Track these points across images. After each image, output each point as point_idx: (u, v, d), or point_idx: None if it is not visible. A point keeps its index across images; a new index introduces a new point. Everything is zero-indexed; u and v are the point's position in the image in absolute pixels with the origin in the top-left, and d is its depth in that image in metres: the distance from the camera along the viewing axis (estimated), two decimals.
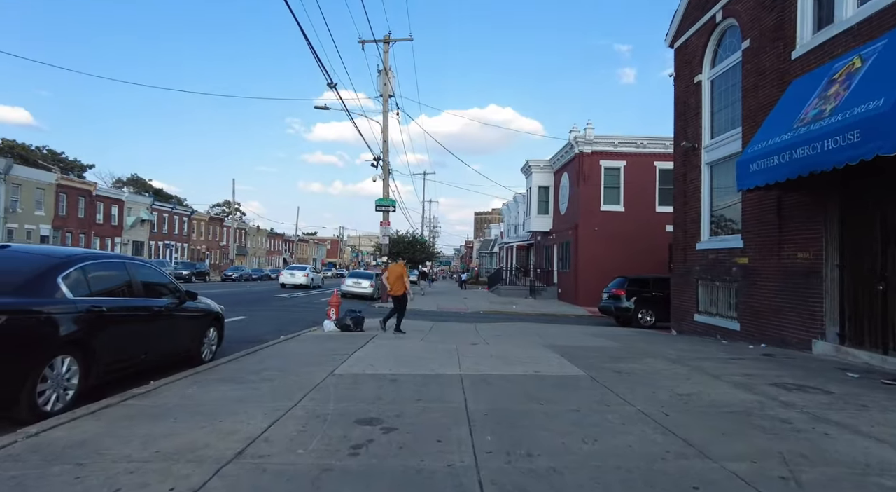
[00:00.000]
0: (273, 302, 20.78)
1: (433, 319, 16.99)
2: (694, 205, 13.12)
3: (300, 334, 10.91)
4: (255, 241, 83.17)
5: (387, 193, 22.81)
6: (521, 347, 9.34)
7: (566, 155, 25.62)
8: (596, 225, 23.51)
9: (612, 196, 23.76)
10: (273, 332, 11.63)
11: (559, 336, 11.88)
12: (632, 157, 23.67)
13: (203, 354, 7.25)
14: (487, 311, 21.02)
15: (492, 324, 15.55)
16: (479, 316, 19.19)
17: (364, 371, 6.50)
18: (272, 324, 13.24)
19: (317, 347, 8.83)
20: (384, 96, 22.64)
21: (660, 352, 8.80)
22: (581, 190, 23.68)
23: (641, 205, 23.53)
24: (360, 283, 23.87)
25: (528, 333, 12.48)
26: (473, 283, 48.16)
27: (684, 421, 4.41)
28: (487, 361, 7.43)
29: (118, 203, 49.17)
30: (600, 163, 23.69)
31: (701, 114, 12.81)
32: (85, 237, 44.17)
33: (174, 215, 59.28)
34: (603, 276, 22.99)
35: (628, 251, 23.31)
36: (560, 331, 13.54)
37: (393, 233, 31.71)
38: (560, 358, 7.82)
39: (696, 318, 12.75)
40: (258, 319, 14.08)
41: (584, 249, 23.55)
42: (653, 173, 23.62)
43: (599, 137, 23.53)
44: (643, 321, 16.47)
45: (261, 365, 6.83)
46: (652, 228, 23.40)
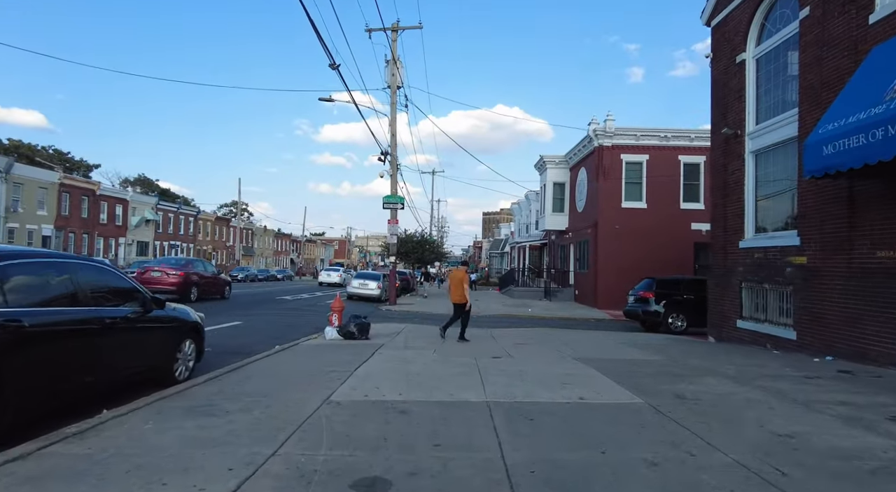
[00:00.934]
0: (275, 305, 19.66)
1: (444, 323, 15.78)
2: (736, 198, 11.79)
3: (298, 343, 9.72)
4: (263, 241, 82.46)
5: (395, 190, 21.63)
6: (550, 361, 8.08)
7: (584, 149, 24.29)
8: (617, 223, 22.17)
9: (634, 192, 22.40)
10: (268, 340, 10.45)
11: (589, 346, 10.60)
12: (655, 150, 22.31)
13: (177, 371, 6.07)
14: (501, 314, 19.76)
15: (508, 330, 14.30)
16: (494, 320, 17.94)
17: (367, 396, 5.28)
18: (269, 330, 12.07)
19: (314, 360, 7.63)
20: (392, 87, 21.46)
21: (714, 368, 7.50)
22: (601, 186, 22.35)
23: (665, 201, 22.16)
24: (367, 284, 22.70)
25: (552, 342, 11.22)
26: (483, 283, 46.88)
27: (817, 488, 3.13)
28: (517, 382, 6.18)
29: (122, 203, 48.44)
30: (621, 157, 22.34)
31: (744, 97, 11.48)
32: (88, 237, 43.43)
33: (180, 215, 58.56)
34: (624, 277, 21.66)
35: (651, 251, 21.94)
36: (586, 339, 12.27)
37: (401, 232, 30.54)
38: (602, 376, 6.56)
39: (738, 324, 11.41)
40: (255, 325, 12.92)
41: (603, 249, 22.22)
42: (677, 168, 22.24)
43: (620, 129, 22.19)
44: (674, 327, 15.14)
45: (243, 387, 5.64)
46: (676, 225, 22.03)
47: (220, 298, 19.74)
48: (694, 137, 22.07)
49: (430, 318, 17.55)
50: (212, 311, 15.52)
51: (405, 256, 29.55)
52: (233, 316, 14.56)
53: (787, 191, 10.25)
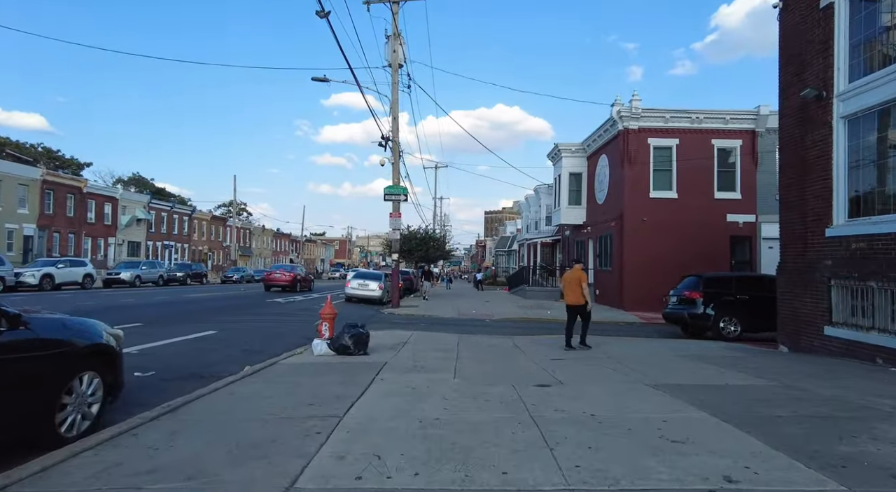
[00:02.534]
0: (263, 308, 17.45)
1: (456, 330, 13.57)
2: (819, 176, 9.56)
3: (276, 362, 7.51)
4: (261, 241, 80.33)
5: (397, 180, 19.41)
6: (620, 391, 5.86)
7: (605, 134, 22.04)
8: (644, 214, 19.93)
9: (663, 180, 20.17)
10: (240, 356, 8.25)
11: (646, 361, 8.38)
12: (685, 133, 20.07)
13: (64, 424, 3.87)
14: (517, 318, 17.54)
15: (534, 338, 12.09)
16: (511, 325, 15.72)
17: (360, 479, 3.07)
18: (246, 342, 9.86)
19: (289, 393, 5.42)
20: (393, 65, 19.24)
21: (866, 401, 5.27)
22: (626, 173, 20.11)
23: (697, 190, 19.93)
24: (366, 284, 20.48)
25: (597, 356, 9.00)
26: (490, 283, 44.65)
27: None
28: (599, 438, 3.95)
29: (112, 201, 46.29)
30: (648, 141, 20.11)
31: (832, 50, 9.24)
32: (75, 237, 41.27)
33: (173, 214, 56.40)
34: (653, 275, 19.47)
35: (683, 246, 19.71)
36: (635, 350, 10.04)
37: (404, 229, 28.33)
38: (720, 423, 4.34)
39: (827, 331, 9.18)
40: (230, 336, 10.70)
41: (630, 244, 19.98)
42: (710, 153, 20.01)
43: (647, 110, 19.95)
44: (726, 332, 12.91)
45: (159, 456, 3.44)
46: (710, 217, 19.81)
47: (307, 291, 28.37)
48: (729, 119, 19.83)
49: (439, 323, 15.34)
50: (187, 318, 13.33)
51: (408, 254, 27.36)
52: (210, 323, 12.36)
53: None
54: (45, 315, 3.99)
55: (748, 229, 19.88)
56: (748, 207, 19.91)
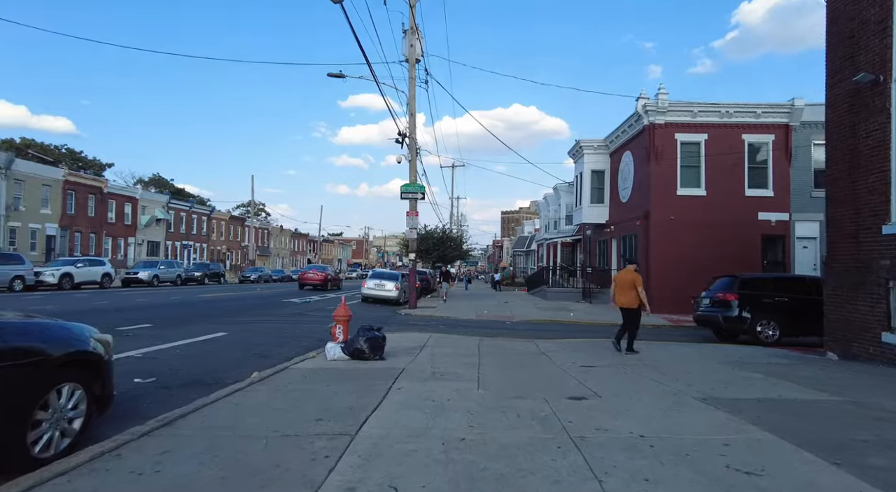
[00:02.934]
0: (278, 309, 17.08)
1: (476, 332, 13.00)
2: (875, 168, 8.77)
3: (287, 368, 7.03)
4: (279, 241, 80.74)
5: (414, 177, 18.90)
6: (665, 406, 5.24)
7: (630, 129, 21.25)
8: (672, 213, 19.11)
9: (691, 177, 19.32)
10: (249, 360, 7.81)
11: (688, 370, 7.72)
12: (714, 128, 19.20)
13: (38, 444, 3.41)
14: (539, 320, 16.89)
15: (559, 342, 11.45)
16: (533, 327, 15.09)
17: None
18: (257, 345, 9.42)
19: (297, 404, 4.92)
20: (410, 60, 18.75)
21: None
22: (652, 170, 19.31)
23: (727, 188, 19.05)
24: (383, 284, 20.02)
25: (630, 362, 8.35)
26: (509, 284, 43.95)
27: None
28: (656, 467, 3.36)
29: (132, 201, 46.71)
30: (675, 136, 19.28)
31: (890, 30, 8.46)
32: (96, 237, 41.68)
33: (192, 214, 56.81)
34: (681, 275, 18.66)
35: (712, 245, 18.86)
36: (672, 357, 9.37)
37: (421, 228, 27.84)
38: (797, 450, 3.71)
39: (885, 338, 8.40)
40: (241, 337, 10.29)
41: (657, 244, 19.18)
42: (740, 148, 19.11)
43: (674, 104, 19.13)
44: (763, 336, 12.12)
45: (141, 482, 2.95)
46: (741, 216, 18.91)
47: (337, 289, 30.31)
48: (761, 113, 18.90)
49: (457, 325, 14.79)
50: (199, 319, 12.99)
51: (425, 254, 26.84)
52: (222, 324, 11.99)
53: None
54: (18, 320, 3.53)
55: (781, 228, 18.94)
56: (781, 204, 18.97)
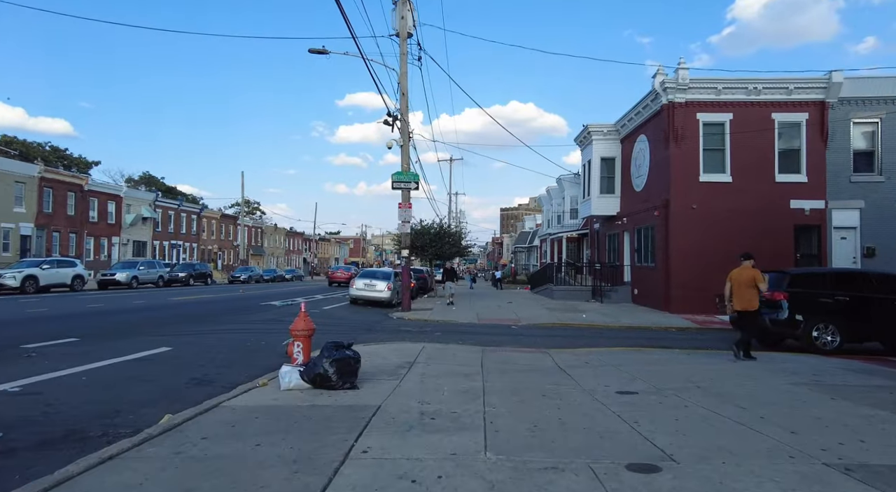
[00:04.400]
0: (252, 314, 15.08)
1: (477, 340, 11.08)
2: None
3: (217, 405, 5.08)
4: (273, 240, 78.76)
5: (407, 165, 16.93)
6: (801, 488, 3.26)
7: (645, 110, 19.26)
8: (694, 201, 17.14)
9: (715, 161, 17.35)
10: (177, 391, 5.86)
11: (766, 399, 5.77)
12: (741, 107, 17.22)
13: None
14: (548, 323, 14.94)
15: (577, 352, 9.51)
16: (543, 333, 13.13)
17: None
18: (201, 364, 7.45)
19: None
20: (402, 35, 16.77)
21: None
22: (672, 154, 17.33)
23: (755, 173, 17.08)
24: (373, 284, 18.03)
25: (688, 390, 6.38)
26: (510, 282, 42.02)
27: None
28: None
29: (115, 199, 44.67)
30: (697, 116, 17.30)
31: None
32: (76, 236, 39.66)
33: (181, 213, 54.78)
34: (704, 271, 16.75)
35: (738, 237, 16.87)
36: (724, 375, 7.40)
37: (416, 223, 25.86)
38: None
39: None
40: (189, 353, 8.32)
41: (677, 236, 17.22)
42: (770, 129, 17.13)
43: (696, 80, 17.14)
44: (821, 342, 10.17)
45: None
46: (770, 203, 16.97)
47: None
48: (793, 89, 16.92)
49: (456, 331, 12.83)
50: (147, 329, 10.88)
51: (421, 250, 24.84)
52: (172, 335, 10.04)
53: None
54: None
55: (816, 217, 16.99)
56: (816, 191, 17.01)
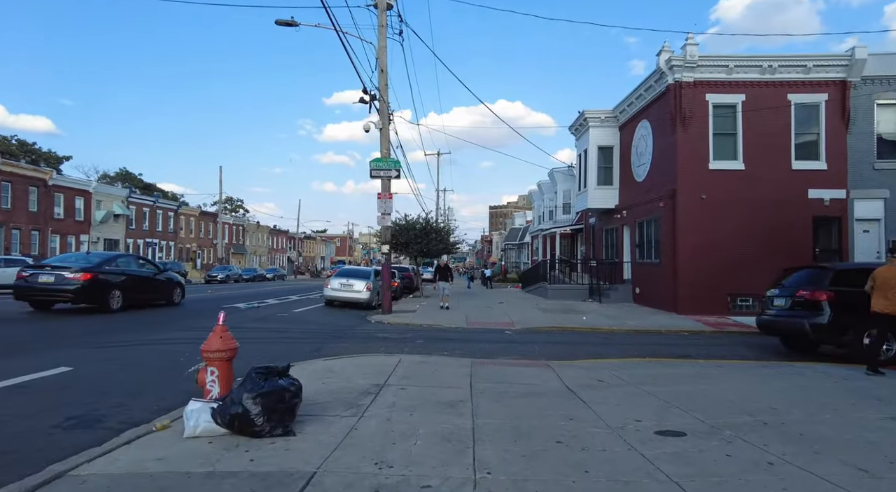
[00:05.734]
0: (208, 319, 13.12)
1: (466, 350, 9.37)
2: None
3: (63, 475, 3.26)
4: (255, 238, 76.34)
5: (387, 150, 15.15)
6: None
7: (648, 92, 17.65)
8: (703, 191, 15.58)
9: (726, 147, 15.80)
10: (44, 436, 4.04)
11: (865, 439, 4.09)
12: (754, 87, 15.68)
13: None
14: (545, 327, 13.29)
15: (586, 365, 7.84)
16: (543, 341, 11.45)
17: None
18: (98, 394, 5.62)
19: None
20: (380, 5, 14.99)
21: None
22: (679, 139, 15.74)
23: (769, 159, 15.58)
24: (351, 284, 16.19)
25: (752, 426, 4.71)
26: (500, 280, 40.42)
27: None
28: None
29: (84, 195, 42.26)
30: (706, 97, 15.73)
31: None
32: (39, 234, 37.26)
33: (157, 210, 52.39)
34: (715, 268, 15.30)
35: (751, 230, 15.44)
36: (780, 400, 5.75)
37: (401, 217, 24.10)
38: None
39: None
40: (90, 374, 6.49)
41: (685, 229, 15.64)
42: (786, 111, 15.62)
43: (706, 57, 15.56)
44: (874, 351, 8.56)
45: None
46: (786, 193, 15.48)
47: None
48: (812, 67, 15.42)
49: (440, 338, 11.09)
50: (54, 341, 8.88)
51: (405, 246, 23.07)
52: (85, 347, 8.20)
53: None
54: None
55: (837, 208, 15.52)
56: (836, 179, 15.53)
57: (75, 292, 12.22)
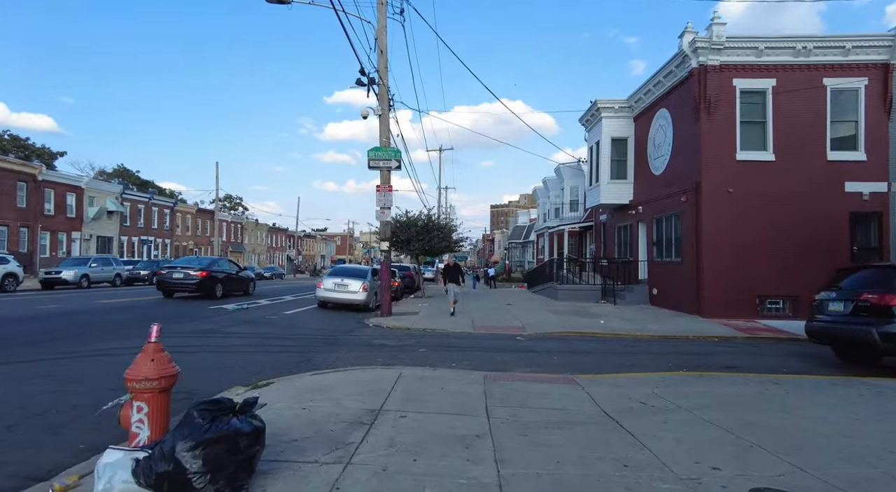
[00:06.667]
0: (186, 323, 11.89)
1: (476, 361, 8.15)
2: None
3: None
4: (254, 236, 75.17)
5: (386, 138, 13.93)
6: None
7: (667, 79, 16.40)
8: (730, 184, 14.34)
9: (754, 136, 14.55)
10: None
11: None
12: (786, 71, 14.44)
13: None
14: (561, 332, 12.05)
15: (618, 381, 6.60)
16: (559, 346, 10.21)
17: None
18: (4, 426, 4.37)
19: None
20: None
21: None
22: (703, 128, 14.49)
23: (802, 150, 14.33)
24: (345, 285, 14.92)
25: None
26: (504, 279, 39.18)
27: None
28: None
29: (76, 191, 41.05)
30: (734, 82, 14.48)
31: None
32: (29, 231, 36.06)
33: (152, 206, 51.19)
34: (742, 267, 14.15)
35: (782, 226, 14.20)
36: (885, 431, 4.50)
37: (401, 214, 22.87)
38: None
39: None
40: (7, 398, 5.26)
41: (710, 225, 14.39)
42: (821, 98, 14.38)
43: (734, 38, 14.31)
44: None
45: None
46: (821, 187, 14.23)
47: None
48: (850, 48, 14.17)
49: (446, 345, 9.84)
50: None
51: (405, 244, 21.85)
52: (39, 358, 6.97)
53: None
54: None
55: (877, 203, 14.27)
56: (877, 171, 14.29)
57: (196, 285, 17.11)
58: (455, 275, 15.18)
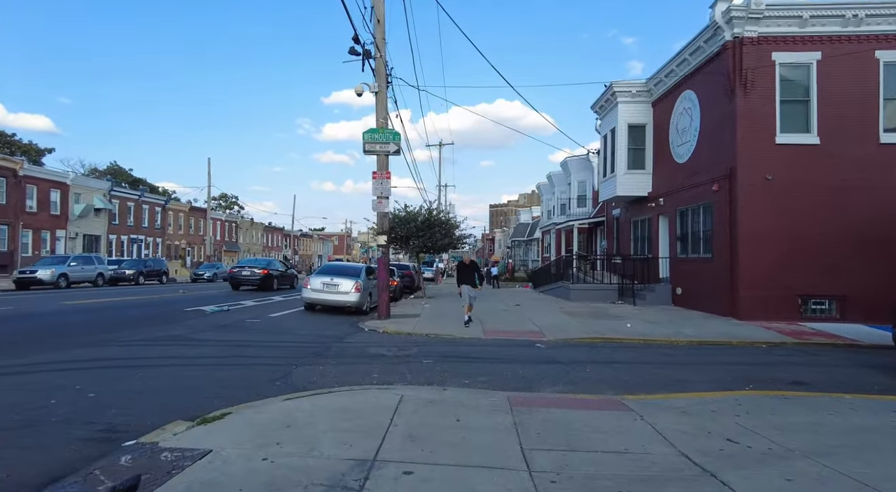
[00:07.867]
0: (156, 327, 10.25)
1: (493, 375, 6.55)
2: None
3: None
4: (249, 235, 73.47)
5: (383, 119, 12.34)
6: None
7: (694, 57, 14.81)
8: (768, 170, 12.78)
9: (796, 117, 13.00)
10: None
11: None
12: (832, 43, 12.89)
13: None
14: (584, 338, 10.46)
15: (682, 406, 4.98)
16: (585, 355, 8.62)
17: None
18: None
19: None
20: None
21: None
22: (738, 107, 12.92)
23: (851, 131, 12.79)
24: (336, 284, 13.24)
25: None
26: (508, 279, 37.57)
27: None
28: None
29: (61, 187, 39.35)
30: (773, 57, 12.93)
31: None
32: (9, 229, 34.36)
33: (143, 204, 49.48)
34: (783, 263, 12.60)
35: (828, 218, 12.66)
36: None
37: (401, 207, 21.25)
38: None
39: None
40: None
41: (747, 216, 12.83)
42: (873, 72, 12.82)
43: (774, 6, 12.76)
44: None
45: None
46: (872, 173, 12.69)
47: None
48: None
49: (453, 355, 8.24)
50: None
51: (404, 240, 20.23)
52: None
53: None
54: None
55: None
56: None
57: (260, 280, 21.78)
58: (470, 275, 12.13)
